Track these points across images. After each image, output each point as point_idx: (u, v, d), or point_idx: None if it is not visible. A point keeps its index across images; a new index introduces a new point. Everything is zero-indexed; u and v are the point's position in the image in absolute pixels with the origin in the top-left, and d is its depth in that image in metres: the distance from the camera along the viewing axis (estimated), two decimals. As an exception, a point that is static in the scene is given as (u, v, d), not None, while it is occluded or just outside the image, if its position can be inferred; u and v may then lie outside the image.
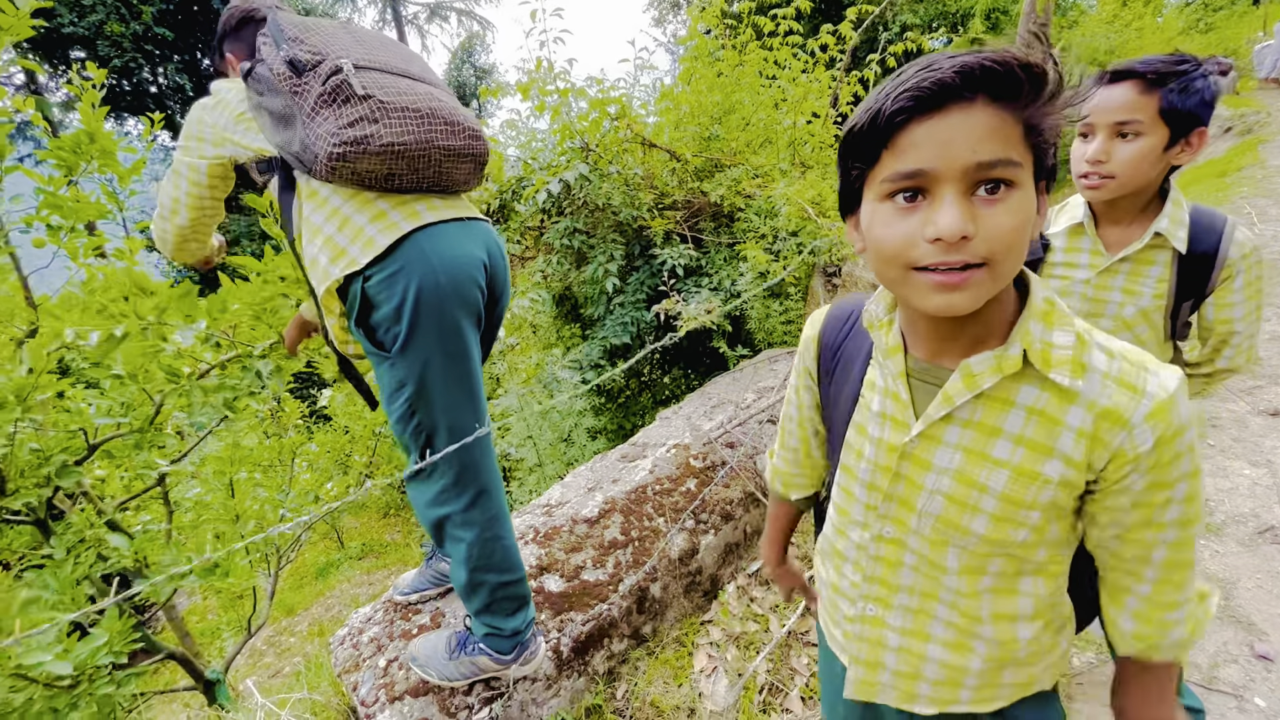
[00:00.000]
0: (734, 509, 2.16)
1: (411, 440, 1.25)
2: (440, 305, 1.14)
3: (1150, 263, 1.24)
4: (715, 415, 2.51)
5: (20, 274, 2.48)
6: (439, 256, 1.15)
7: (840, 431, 0.80)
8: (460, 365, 1.22)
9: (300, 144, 1.09)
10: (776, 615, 2.03)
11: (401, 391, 1.20)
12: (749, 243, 3.19)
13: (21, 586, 1.87)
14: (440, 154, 1.16)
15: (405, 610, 1.77)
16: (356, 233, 1.13)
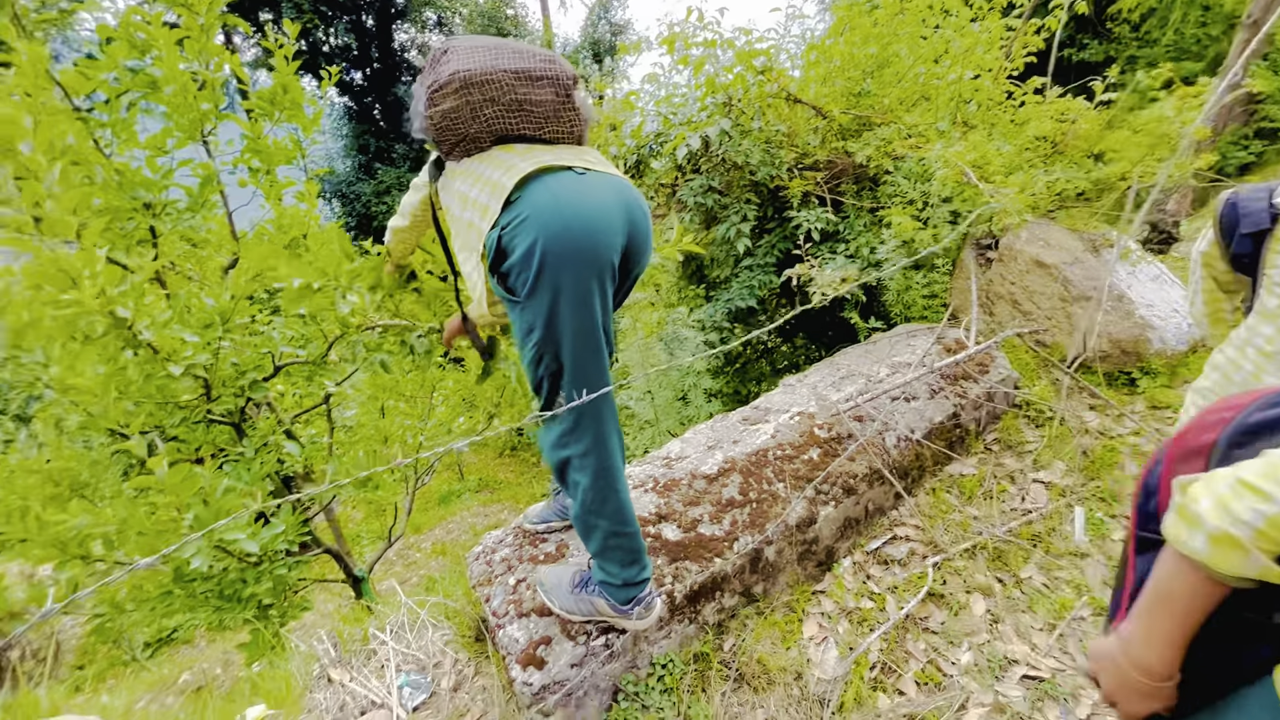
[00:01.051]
0: (857, 484, 2.08)
1: (538, 383, 1.30)
2: (567, 249, 1.15)
3: None
4: (844, 386, 2.42)
5: (227, 210, 2.86)
6: (568, 203, 1.16)
7: None
8: (586, 312, 1.22)
9: (420, 117, 1.25)
10: (895, 596, 1.96)
11: (530, 336, 1.23)
12: (894, 208, 2.99)
13: (222, 476, 2.21)
14: (511, 76, 1.20)
15: (534, 537, 1.90)
16: (489, 184, 1.20)
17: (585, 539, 1.46)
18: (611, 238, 1.21)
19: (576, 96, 1.28)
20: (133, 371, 2.11)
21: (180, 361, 2.11)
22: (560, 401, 1.29)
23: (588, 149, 1.37)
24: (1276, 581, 0.58)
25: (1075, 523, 2.14)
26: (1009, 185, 2.54)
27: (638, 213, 1.29)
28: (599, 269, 1.19)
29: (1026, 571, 2.02)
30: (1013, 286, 2.84)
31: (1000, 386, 2.45)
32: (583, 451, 1.34)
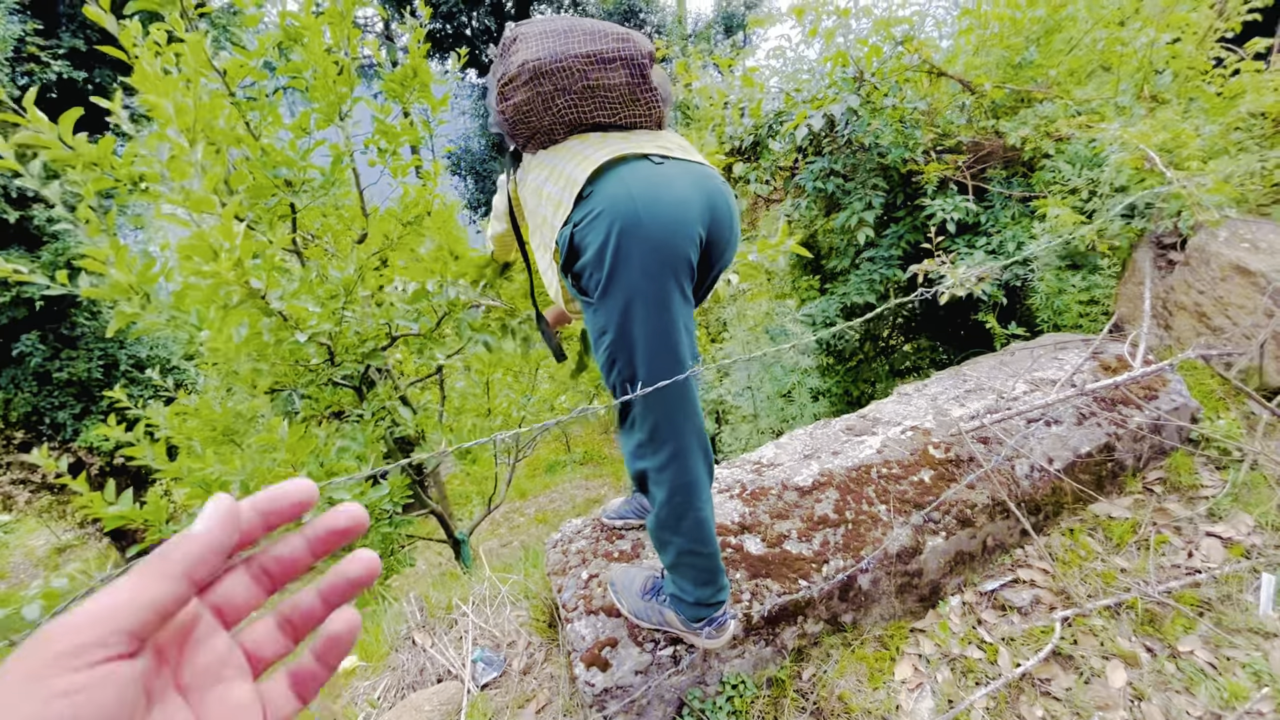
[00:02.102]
0: (975, 515, 1.83)
1: (613, 388, 1.22)
2: (641, 246, 1.07)
3: None
4: (969, 402, 2.13)
5: (358, 187, 3.05)
6: (641, 196, 1.07)
7: None
8: (663, 314, 1.12)
9: (497, 111, 1.21)
10: (1010, 649, 1.70)
11: (604, 338, 1.16)
12: (1052, 197, 2.58)
13: (338, 437, 2.37)
14: (583, 62, 1.12)
15: (610, 532, 1.86)
16: (562, 177, 1.14)
17: (659, 551, 1.38)
18: (690, 230, 1.10)
19: (654, 76, 1.17)
20: (267, 336, 2.31)
21: (306, 329, 2.29)
22: (635, 411, 1.20)
23: (667, 132, 1.27)
24: None
25: (1263, 592, 1.74)
26: (1205, 172, 2.08)
27: (720, 203, 1.18)
28: (675, 267, 1.10)
29: (1187, 644, 1.68)
30: (1200, 296, 2.36)
31: (1172, 417, 2.05)
32: (660, 465, 1.25)
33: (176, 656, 0.32)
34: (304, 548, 0.36)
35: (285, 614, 0.36)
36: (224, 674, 0.33)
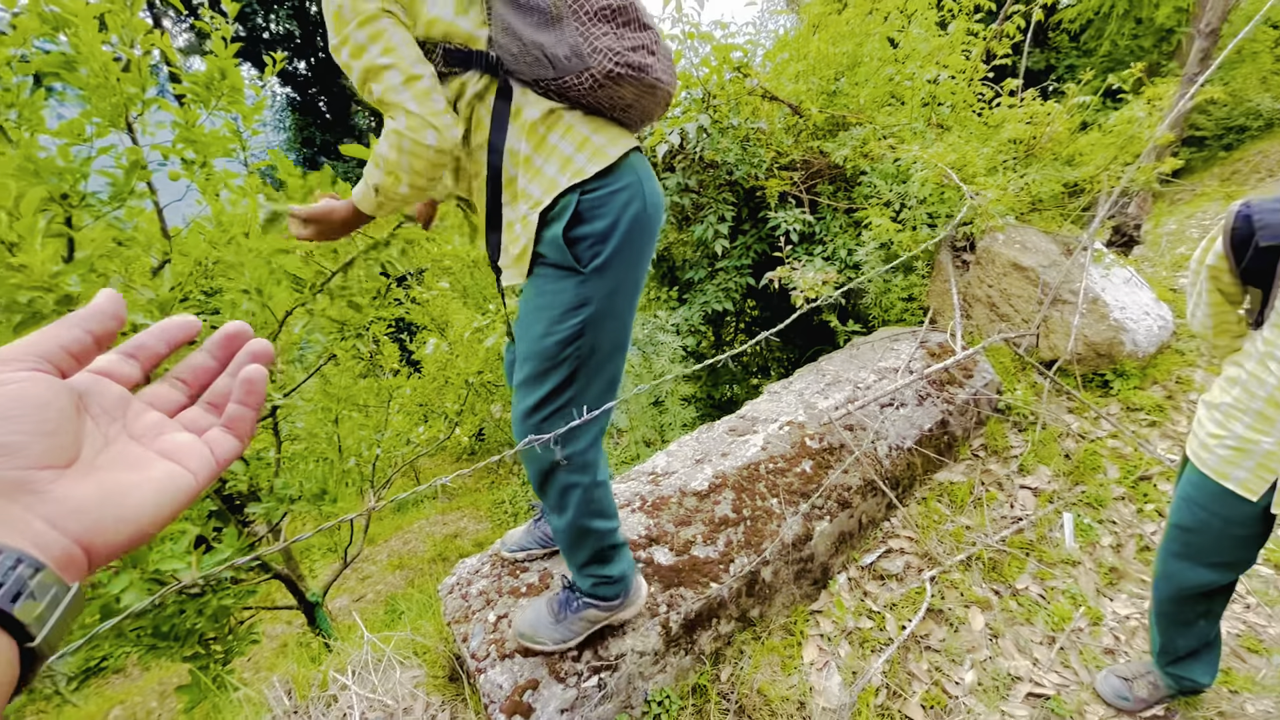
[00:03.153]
0: (852, 496, 2.01)
1: (561, 364, 1.16)
2: (641, 234, 1.13)
3: None
4: (832, 394, 2.34)
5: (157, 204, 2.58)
6: (649, 186, 1.14)
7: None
8: (634, 298, 1.19)
9: (570, 49, 1.02)
10: (894, 614, 1.88)
11: (580, 311, 1.12)
12: (871, 209, 2.94)
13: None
14: (666, 94, 1.16)
15: (513, 567, 1.74)
16: (586, 144, 1.08)
17: (575, 550, 1.35)
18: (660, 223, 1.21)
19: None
20: None
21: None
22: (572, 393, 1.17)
23: None
24: None
25: (1065, 530, 2.12)
26: (989, 187, 2.51)
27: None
28: (653, 251, 1.19)
29: (1022, 582, 1.98)
30: (990, 289, 2.83)
31: (985, 391, 2.42)
32: (586, 446, 1.23)
33: (121, 418, 0.36)
34: (208, 357, 0.41)
35: (188, 382, 0.41)
36: (165, 428, 0.37)
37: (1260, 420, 1.22)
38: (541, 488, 1.27)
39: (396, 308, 3.39)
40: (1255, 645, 1.78)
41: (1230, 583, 1.46)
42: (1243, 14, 8.08)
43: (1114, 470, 2.34)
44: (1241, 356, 1.29)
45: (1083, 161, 3.02)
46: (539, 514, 1.79)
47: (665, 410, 3.26)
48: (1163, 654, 1.59)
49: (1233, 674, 1.70)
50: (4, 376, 0.30)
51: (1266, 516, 1.29)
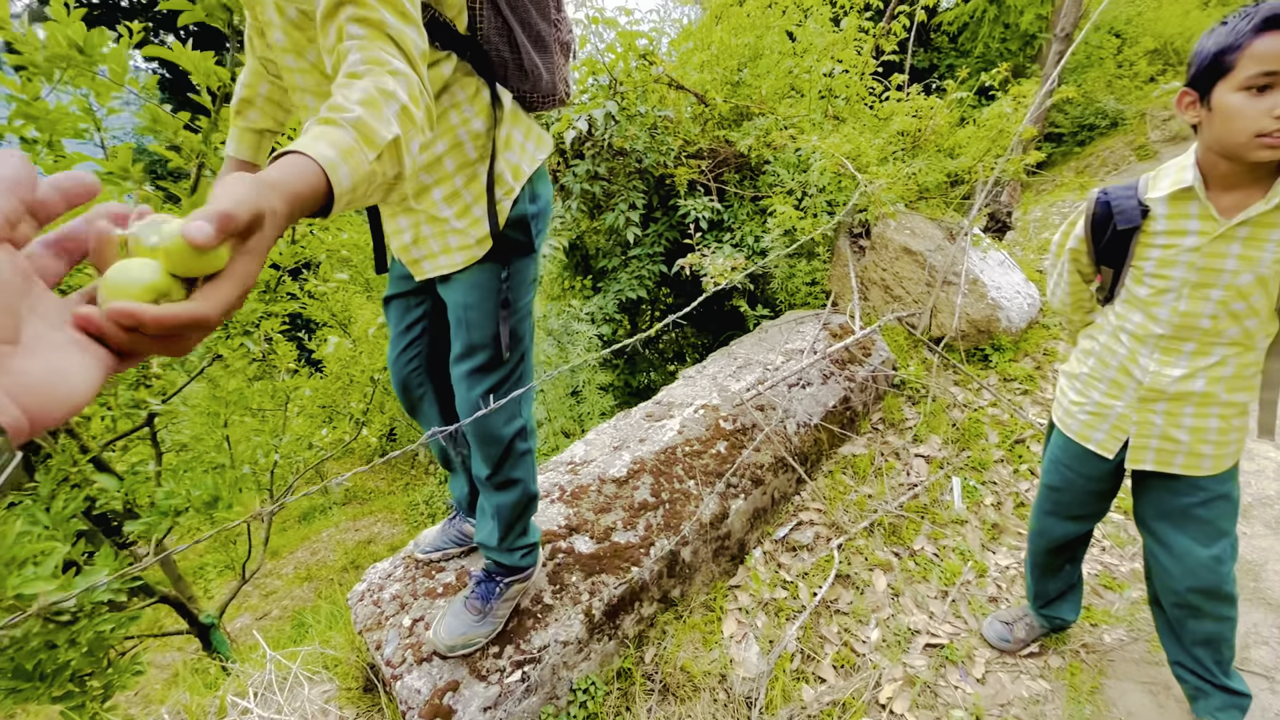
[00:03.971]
0: (764, 474, 2.08)
1: (518, 341, 1.25)
2: (550, 213, 1.26)
3: (1273, 225, 1.14)
4: (743, 376, 2.42)
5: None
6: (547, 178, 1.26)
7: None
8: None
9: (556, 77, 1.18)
10: (805, 582, 1.98)
11: (532, 286, 1.25)
12: (776, 197, 3.04)
13: (12, 518, 1.74)
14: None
15: (428, 568, 1.68)
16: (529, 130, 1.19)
17: (520, 521, 1.40)
18: None
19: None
20: None
21: None
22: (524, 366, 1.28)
23: None
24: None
25: (954, 493, 2.31)
26: (881, 175, 2.67)
27: None
28: None
29: (919, 543, 2.14)
30: (884, 273, 3.01)
31: (882, 368, 2.58)
32: (529, 415, 1.34)
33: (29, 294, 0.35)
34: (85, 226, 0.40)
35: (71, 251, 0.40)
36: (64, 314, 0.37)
37: (1113, 387, 1.38)
38: (498, 468, 1.31)
39: (290, 302, 3.16)
40: (1110, 583, 2.02)
41: (1089, 531, 1.65)
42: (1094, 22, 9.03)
43: (994, 436, 2.57)
44: (1094, 330, 1.44)
45: (961, 153, 3.27)
46: (454, 514, 1.73)
47: (583, 400, 3.25)
48: (1037, 598, 1.77)
49: (1093, 609, 1.92)
50: None
51: (1118, 472, 1.46)
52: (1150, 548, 1.46)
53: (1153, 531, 1.44)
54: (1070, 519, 1.58)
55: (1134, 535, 2.21)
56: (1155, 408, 1.31)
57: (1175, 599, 1.43)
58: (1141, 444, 1.35)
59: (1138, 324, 1.30)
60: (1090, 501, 1.53)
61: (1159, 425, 1.32)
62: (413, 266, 1.19)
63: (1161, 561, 1.43)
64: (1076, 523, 1.59)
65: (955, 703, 1.70)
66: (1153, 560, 1.47)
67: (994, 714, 1.68)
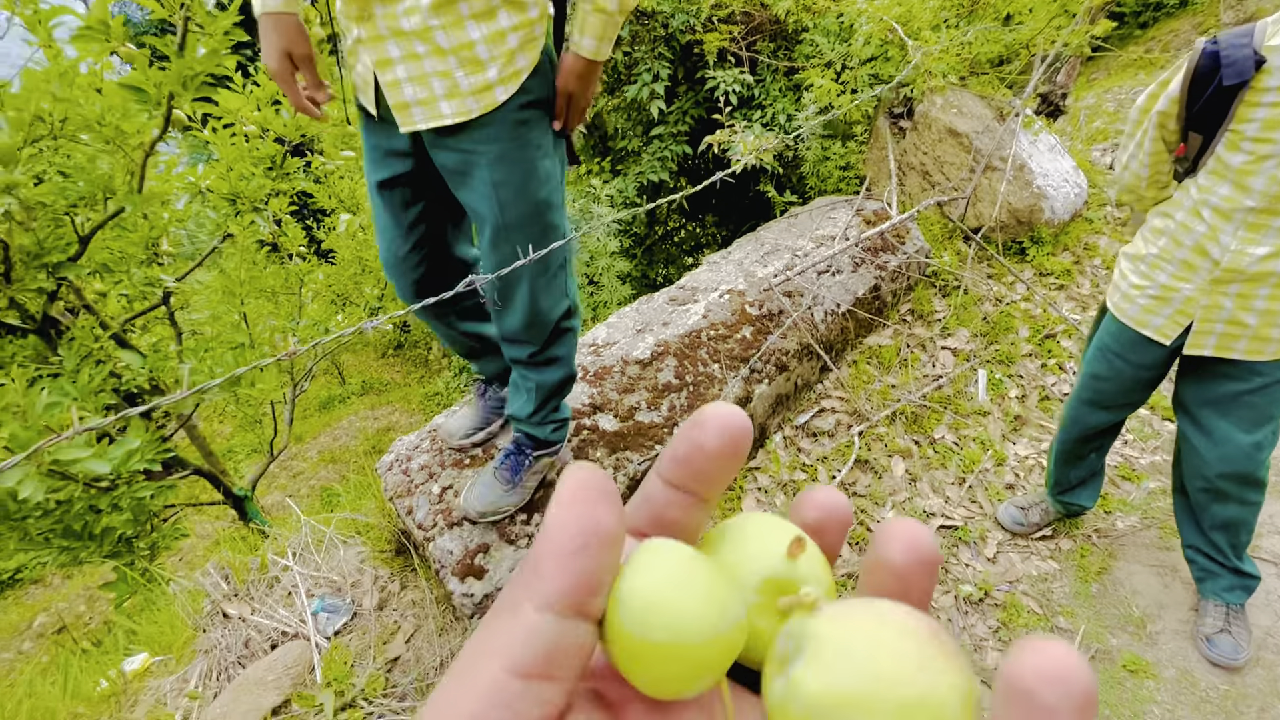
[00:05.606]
0: (789, 360, 2.05)
1: (561, 207, 1.17)
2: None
3: None
4: (771, 262, 2.32)
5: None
6: None
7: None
8: None
9: None
10: (825, 466, 2.00)
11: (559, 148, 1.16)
12: (813, 69, 2.80)
13: (35, 390, 1.75)
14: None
15: (454, 440, 1.70)
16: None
17: (557, 397, 1.39)
18: None
19: None
20: None
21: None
22: (570, 246, 1.22)
23: None
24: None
25: (979, 384, 2.28)
26: (933, 43, 2.42)
27: None
28: None
29: (939, 432, 2.14)
30: (924, 156, 2.82)
31: (916, 257, 2.47)
32: (575, 289, 1.29)
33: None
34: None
35: None
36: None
37: (1184, 269, 1.28)
38: (543, 348, 1.26)
39: (296, 180, 3.03)
40: (1129, 474, 2.03)
41: (1122, 421, 1.62)
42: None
43: (1024, 330, 2.50)
44: (1170, 206, 1.33)
45: (1022, 20, 2.95)
46: (482, 389, 1.71)
47: (601, 288, 3.18)
48: (1057, 485, 1.78)
49: (1109, 498, 1.94)
50: None
51: (1169, 359, 1.40)
52: (1186, 433, 1.43)
53: (1194, 417, 1.40)
54: (1109, 408, 1.55)
55: (1158, 430, 2.19)
56: (1228, 290, 1.23)
57: (1204, 484, 1.42)
58: (1206, 328, 1.28)
59: (1223, 197, 1.19)
60: (1134, 390, 1.49)
61: (1228, 309, 1.24)
62: (401, 112, 1.00)
63: (1196, 446, 1.41)
64: (1112, 412, 1.56)
65: (965, 579, 1.76)
66: (1185, 445, 1.45)
67: (1002, 589, 1.74)
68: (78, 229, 2.20)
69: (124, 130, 2.10)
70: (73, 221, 2.14)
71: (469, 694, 0.16)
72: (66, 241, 2.18)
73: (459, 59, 0.95)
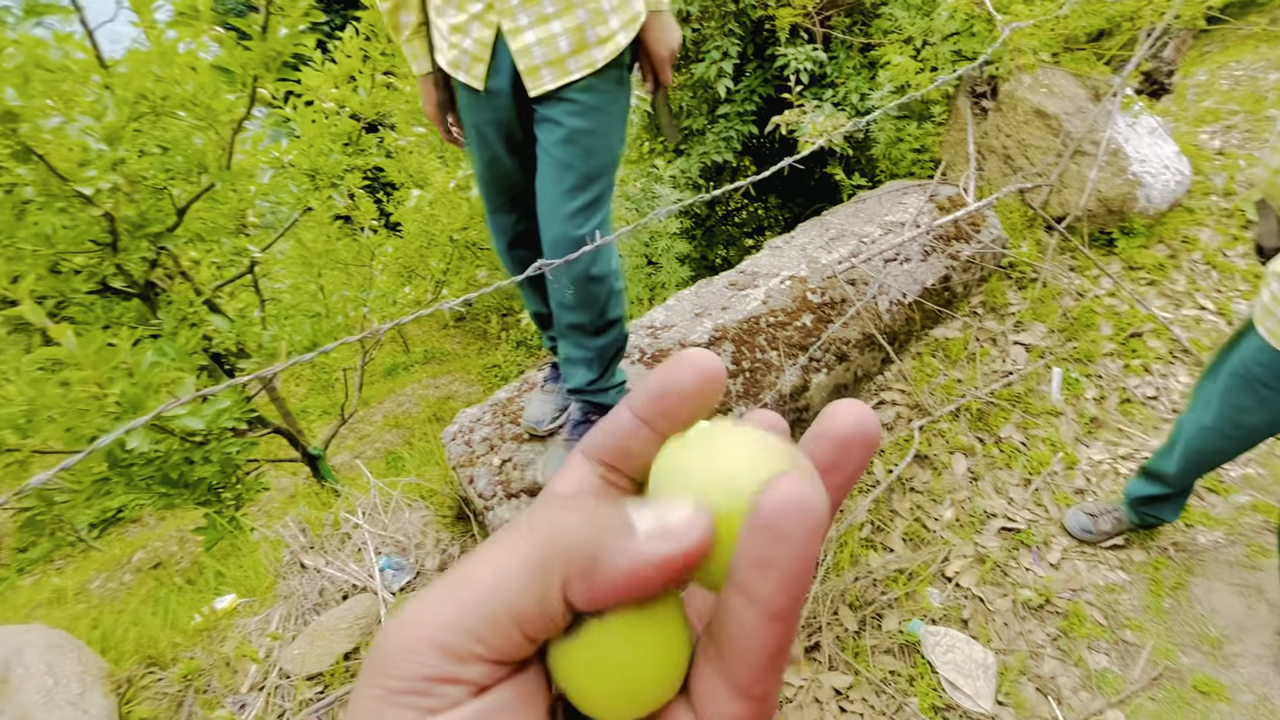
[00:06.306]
0: (850, 350, 2.01)
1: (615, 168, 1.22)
2: None
3: None
4: (835, 248, 2.27)
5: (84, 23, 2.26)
6: None
7: None
8: None
9: None
10: (880, 460, 1.96)
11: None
12: (891, 45, 2.67)
13: (145, 348, 1.91)
14: None
15: (515, 414, 1.75)
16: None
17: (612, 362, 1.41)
18: None
19: None
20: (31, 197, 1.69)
21: (84, 182, 1.72)
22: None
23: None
24: None
25: (1053, 383, 2.17)
26: (1026, 16, 2.26)
27: None
28: None
29: (1006, 431, 2.06)
30: (1007, 139, 2.66)
31: (991, 247, 2.36)
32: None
33: None
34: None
35: None
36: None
37: None
38: (602, 310, 1.29)
39: (370, 156, 3.15)
40: (1216, 486, 1.90)
41: None
42: None
43: (1107, 328, 2.36)
44: None
45: (1127, -8, 2.72)
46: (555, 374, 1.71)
47: (660, 269, 3.18)
48: (1139, 499, 1.66)
49: (1190, 510, 1.82)
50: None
51: None
52: None
53: None
54: (1250, 444, 1.39)
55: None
56: None
57: None
58: None
59: None
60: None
61: None
62: (531, 76, 1.08)
63: None
64: (1252, 446, 1.40)
65: (1025, 583, 1.71)
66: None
67: (1064, 596, 1.67)
68: (174, 201, 2.36)
69: (214, 109, 2.23)
70: (170, 194, 2.29)
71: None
72: (165, 213, 2.35)
73: (588, 12, 1.02)
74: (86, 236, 2.02)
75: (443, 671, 0.16)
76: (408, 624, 0.17)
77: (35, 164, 1.61)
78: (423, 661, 0.16)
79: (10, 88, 1.31)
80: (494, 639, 0.16)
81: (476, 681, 0.17)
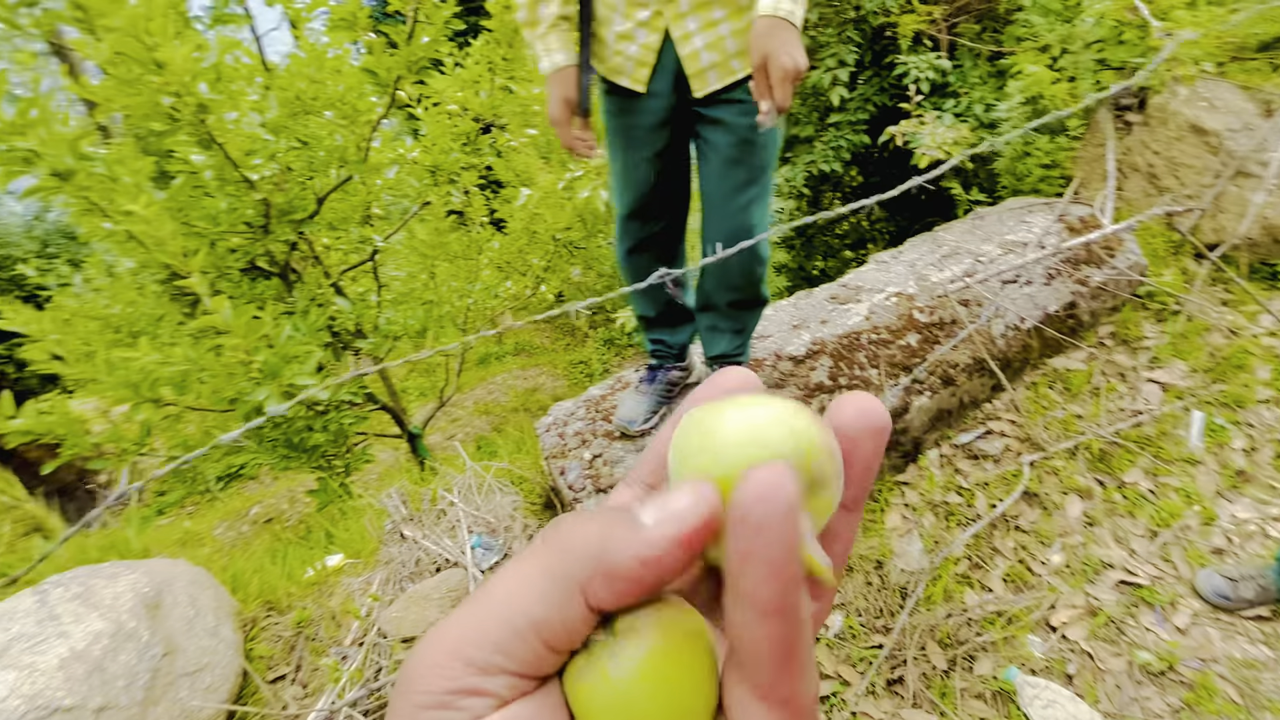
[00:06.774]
0: (957, 374, 1.90)
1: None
2: None
3: None
4: (947, 266, 2.16)
5: (256, 34, 2.54)
6: None
7: None
8: None
9: None
10: (984, 493, 1.85)
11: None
12: (1024, 53, 2.51)
13: (284, 321, 2.12)
14: None
15: (607, 411, 1.80)
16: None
17: (753, 329, 1.57)
18: None
19: None
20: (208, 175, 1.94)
21: (250, 168, 1.95)
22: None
23: None
24: None
25: (1193, 428, 1.95)
26: (1187, 25, 2.06)
27: None
28: None
29: (1131, 476, 1.88)
30: (1155, 157, 2.43)
31: (1127, 274, 2.16)
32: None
33: None
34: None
35: None
36: None
37: None
38: (760, 286, 1.45)
39: (485, 155, 3.33)
40: (1395, 563, 1.64)
41: None
42: None
43: (1264, 372, 2.10)
44: None
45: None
46: (652, 374, 1.72)
47: (755, 277, 3.15)
48: None
49: (1360, 587, 1.59)
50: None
51: None
52: None
53: None
54: None
55: None
56: None
57: None
58: None
59: None
60: None
61: None
62: (698, 80, 1.13)
63: None
64: None
65: (1144, 644, 1.55)
66: None
67: (1191, 665, 1.51)
68: (315, 191, 2.59)
69: (358, 108, 2.44)
70: (312, 185, 2.52)
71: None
72: (308, 201, 2.59)
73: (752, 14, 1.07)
74: (243, 219, 2.27)
75: (467, 684, 0.16)
76: (435, 640, 0.17)
77: (214, 151, 1.82)
78: (447, 675, 0.17)
79: (204, 83, 1.49)
80: (516, 649, 0.17)
81: (500, 694, 0.17)
